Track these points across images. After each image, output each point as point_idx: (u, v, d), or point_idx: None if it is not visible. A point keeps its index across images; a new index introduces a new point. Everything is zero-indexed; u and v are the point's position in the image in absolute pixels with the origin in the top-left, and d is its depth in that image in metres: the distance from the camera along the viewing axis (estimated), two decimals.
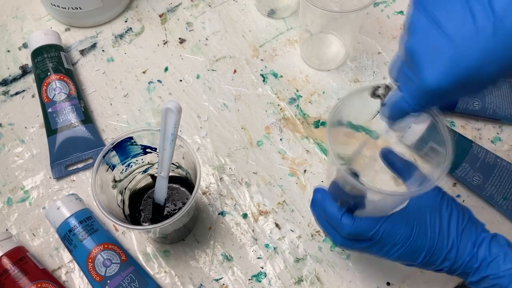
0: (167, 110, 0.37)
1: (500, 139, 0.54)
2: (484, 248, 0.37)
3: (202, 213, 0.51)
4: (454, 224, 0.38)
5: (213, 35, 0.62)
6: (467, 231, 0.38)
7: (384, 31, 0.61)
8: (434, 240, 0.37)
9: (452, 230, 0.38)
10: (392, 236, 0.37)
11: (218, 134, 0.55)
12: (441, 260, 0.38)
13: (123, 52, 0.61)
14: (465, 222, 0.38)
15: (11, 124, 0.56)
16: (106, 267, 0.44)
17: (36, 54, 0.56)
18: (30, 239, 0.50)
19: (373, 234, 0.37)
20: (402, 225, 0.37)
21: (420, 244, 0.37)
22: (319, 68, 0.59)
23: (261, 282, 0.48)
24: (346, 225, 0.37)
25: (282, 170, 0.53)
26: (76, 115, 0.54)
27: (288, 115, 0.56)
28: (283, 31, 0.62)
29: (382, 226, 0.37)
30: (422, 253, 0.38)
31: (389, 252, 0.38)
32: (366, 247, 0.39)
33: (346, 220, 0.38)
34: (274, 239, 0.50)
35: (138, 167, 0.47)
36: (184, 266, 0.49)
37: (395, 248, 0.38)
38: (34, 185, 0.53)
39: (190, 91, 0.58)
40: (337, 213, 0.38)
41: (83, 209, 0.48)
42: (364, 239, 0.38)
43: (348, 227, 0.37)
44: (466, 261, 0.37)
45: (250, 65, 0.59)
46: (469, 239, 0.38)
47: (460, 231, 0.38)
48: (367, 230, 0.37)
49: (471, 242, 0.37)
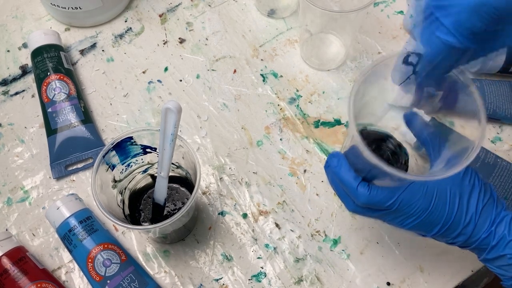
0: (167, 110, 0.37)
1: (500, 139, 0.54)
2: (503, 227, 0.36)
3: (202, 213, 0.51)
4: (474, 200, 0.37)
5: (213, 35, 0.62)
6: (487, 207, 0.37)
7: (384, 31, 0.61)
8: (451, 214, 0.36)
9: (472, 206, 0.36)
10: (409, 207, 0.36)
11: (218, 134, 0.55)
12: (457, 234, 0.37)
13: (123, 52, 0.61)
14: (486, 199, 0.37)
15: (11, 124, 0.56)
16: (106, 267, 0.44)
17: (36, 54, 0.56)
18: (30, 239, 0.50)
19: (390, 204, 0.36)
20: (421, 197, 0.36)
21: (436, 217, 0.36)
22: (319, 68, 0.59)
23: (261, 282, 0.48)
24: (362, 194, 0.36)
25: (282, 170, 0.53)
26: (76, 115, 0.54)
27: (288, 115, 0.56)
28: (283, 31, 0.62)
29: (400, 197, 0.35)
30: (437, 225, 0.36)
31: (404, 222, 0.37)
32: (381, 215, 0.38)
33: (362, 190, 0.36)
34: (274, 239, 0.50)
35: (138, 167, 0.47)
36: (184, 266, 0.49)
37: (410, 219, 0.36)
38: (34, 185, 0.53)
39: (190, 91, 0.58)
40: (353, 182, 0.37)
41: (83, 209, 0.48)
42: (380, 209, 0.37)
43: (364, 197, 0.36)
44: (483, 237, 0.36)
45: (250, 65, 0.59)
46: (488, 216, 0.36)
47: (480, 207, 0.36)
48: (383, 200, 0.36)
49: (490, 219, 0.36)
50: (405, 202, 0.36)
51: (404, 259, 0.49)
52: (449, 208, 0.36)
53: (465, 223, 0.36)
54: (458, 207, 0.36)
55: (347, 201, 0.39)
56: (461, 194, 0.37)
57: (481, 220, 0.36)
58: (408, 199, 0.36)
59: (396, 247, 0.49)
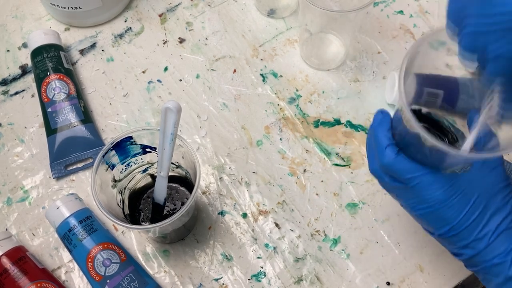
0: (167, 110, 0.37)
1: None
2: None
3: (201, 212, 0.51)
4: (499, 218, 0.34)
5: (213, 35, 0.62)
6: (509, 232, 0.34)
7: (384, 31, 0.61)
8: (467, 220, 0.34)
9: (493, 222, 0.34)
10: (427, 189, 0.34)
11: (218, 133, 0.55)
12: (464, 244, 0.35)
13: (122, 52, 0.61)
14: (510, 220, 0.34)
15: (10, 124, 0.56)
16: (105, 267, 0.44)
17: (36, 54, 0.56)
18: (29, 238, 0.50)
19: (410, 178, 0.34)
20: (444, 187, 0.34)
21: (450, 215, 0.34)
22: (319, 67, 0.59)
23: (261, 282, 0.48)
24: (388, 155, 0.35)
25: (281, 170, 0.53)
26: (75, 115, 0.54)
27: (288, 115, 0.56)
28: (283, 31, 0.62)
29: (423, 175, 0.34)
30: (448, 225, 0.35)
31: (416, 206, 0.36)
32: (396, 188, 0.37)
33: (390, 151, 0.35)
34: (273, 238, 0.50)
35: (138, 166, 0.47)
36: (184, 265, 0.49)
37: (423, 205, 0.35)
38: (33, 184, 0.53)
39: (190, 91, 0.58)
40: (385, 140, 0.36)
41: (83, 208, 0.48)
42: (399, 180, 0.36)
43: (389, 159, 0.35)
44: (495, 263, 0.34)
45: (250, 65, 0.59)
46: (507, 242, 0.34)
47: (501, 228, 0.34)
48: (406, 170, 0.35)
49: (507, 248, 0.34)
50: (425, 183, 0.34)
51: (404, 259, 0.49)
52: (467, 212, 0.34)
53: (477, 236, 0.34)
54: (478, 216, 0.34)
55: (371, 159, 0.38)
56: (488, 205, 0.34)
57: (497, 242, 0.34)
58: (430, 181, 0.34)
59: (396, 247, 0.49)
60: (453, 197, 0.34)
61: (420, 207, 0.35)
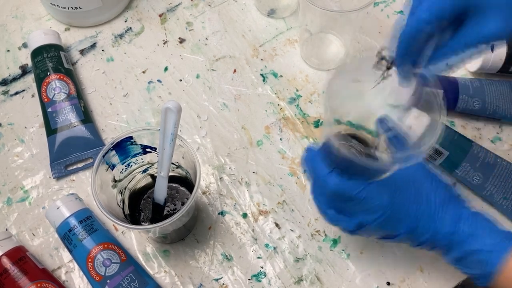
0: (167, 110, 0.37)
1: (500, 139, 0.54)
2: (468, 224, 0.37)
3: (202, 213, 0.51)
4: (438, 198, 0.38)
5: (213, 35, 0.62)
6: (450, 205, 0.38)
7: (384, 31, 0.61)
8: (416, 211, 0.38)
9: (435, 204, 0.38)
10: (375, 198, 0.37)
11: (218, 133, 0.55)
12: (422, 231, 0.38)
13: (123, 52, 0.61)
14: (448, 197, 0.38)
15: (11, 124, 0.56)
16: (105, 267, 0.44)
17: (36, 54, 0.56)
18: (29, 238, 0.50)
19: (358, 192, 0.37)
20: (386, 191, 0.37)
21: (401, 212, 0.38)
22: (319, 67, 0.59)
23: (261, 282, 0.48)
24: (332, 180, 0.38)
25: (282, 170, 0.53)
26: (75, 115, 0.54)
27: (288, 115, 0.56)
28: (283, 31, 0.62)
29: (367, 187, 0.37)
30: (403, 223, 0.38)
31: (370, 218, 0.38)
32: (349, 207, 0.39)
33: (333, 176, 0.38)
34: (274, 238, 0.50)
35: (138, 166, 0.47)
36: (184, 265, 0.49)
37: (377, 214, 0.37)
38: (34, 185, 0.53)
39: (190, 91, 0.58)
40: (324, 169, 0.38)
41: (83, 208, 0.48)
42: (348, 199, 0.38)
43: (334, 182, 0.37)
44: (448, 233, 0.37)
45: (250, 65, 0.59)
46: (452, 214, 0.38)
47: (443, 205, 0.38)
48: (352, 188, 0.37)
49: (454, 217, 0.38)
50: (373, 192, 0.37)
51: (404, 259, 0.48)
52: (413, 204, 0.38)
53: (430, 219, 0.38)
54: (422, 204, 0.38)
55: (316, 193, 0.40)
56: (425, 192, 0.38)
57: (446, 217, 0.38)
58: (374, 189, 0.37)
59: (396, 247, 0.49)
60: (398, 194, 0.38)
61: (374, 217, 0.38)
